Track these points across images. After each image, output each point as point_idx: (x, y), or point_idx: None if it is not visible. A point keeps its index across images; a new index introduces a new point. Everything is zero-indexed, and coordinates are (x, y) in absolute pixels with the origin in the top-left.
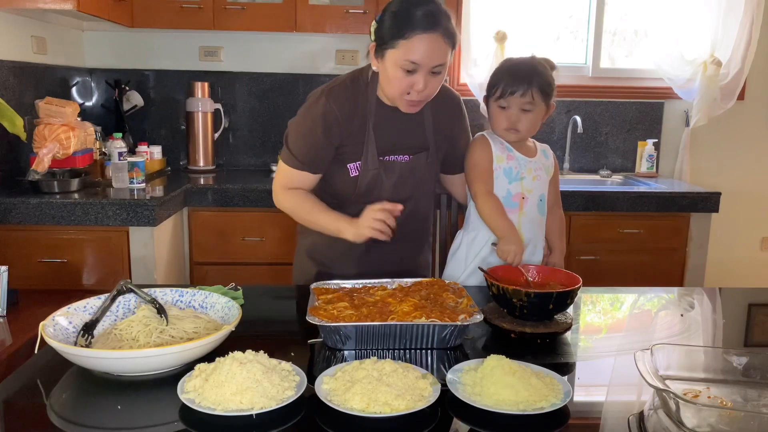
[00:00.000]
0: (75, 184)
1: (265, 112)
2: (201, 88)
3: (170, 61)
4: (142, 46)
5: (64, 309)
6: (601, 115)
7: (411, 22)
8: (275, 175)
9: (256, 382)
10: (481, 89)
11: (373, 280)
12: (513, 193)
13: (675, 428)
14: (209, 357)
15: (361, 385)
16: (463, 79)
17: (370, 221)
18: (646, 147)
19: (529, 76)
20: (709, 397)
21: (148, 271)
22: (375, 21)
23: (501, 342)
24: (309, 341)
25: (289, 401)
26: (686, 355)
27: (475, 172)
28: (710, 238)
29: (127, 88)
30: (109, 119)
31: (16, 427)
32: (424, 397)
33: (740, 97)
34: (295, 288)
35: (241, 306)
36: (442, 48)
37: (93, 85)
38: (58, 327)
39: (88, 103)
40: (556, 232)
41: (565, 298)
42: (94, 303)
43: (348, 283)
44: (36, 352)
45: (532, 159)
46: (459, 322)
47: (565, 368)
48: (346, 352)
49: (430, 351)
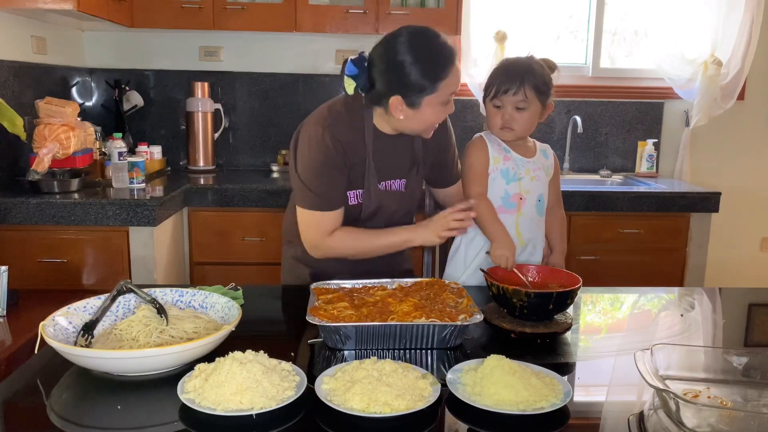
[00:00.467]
0: (75, 184)
1: (265, 112)
2: (201, 88)
3: (170, 61)
4: (142, 46)
5: (64, 309)
6: (601, 115)
7: (446, 61)
8: (308, 228)
9: (256, 382)
10: (480, 89)
11: (373, 280)
12: (511, 194)
13: (675, 428)
14: (209, 357)
15: (361, 385)
16: (463, 79)
17: (448, 223)
18: (646, 147)
19: (522, 74)
20: (709, 397)
21: (148, 271)
22: (350, 76)
23: (501, 342)
24: (309, 341)
25: (289, 401)
26: (686, 355)
27: (469, 175)
28: (710, 238)
29: (127, 88)
30: (109, 119)
31: (16, 427)
32: (424, 397)
33: (740, 97)
34: (295, 288)
35: (241, 306)
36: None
37: (93, 85)
38: (58, 327)
39: (88, 103)
40: (557, 232)
41: (565, 298)
42: (94, 303)
43: (348, 283)
44: (36, 352)
45: (530, 159)
46: (459, 322)
47: (565, 368)
48: (346, 352)
49: (430, 351)
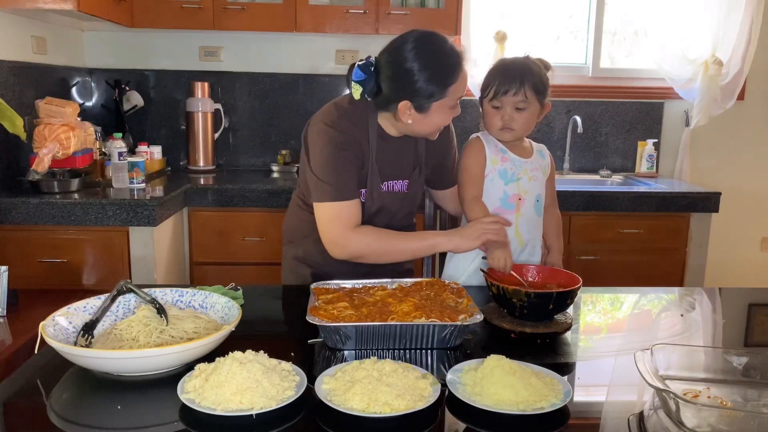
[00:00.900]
0: (75, 184)
1: (265, 112)
2: (201, 88)
3: (170, 61)
4: (142, 46)
5: (64, 309)
6: (601, 115)
7: (454, 66)
8: (328, 223)
9: (256, 382)
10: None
11: (373, 280)
12: (510, 195)
13: (675, 428)
14: (209, 357)
15: (361, 385)
16: None
17: (486, 229)
18: (646, 147)
19: (521, 74)
20: (709, 397)
21: (148, 271)
22: (357, 82)
23: (501, 342)
24: (309, 341)
25: (289, 401)
26: (686, 355)
27: (464, 177)
28: (710, 238)
29: (127, 88)
30: (109, 119)
31: (16, 427)
32: (424, 397)
33: (740, 97)
34: (295, 288)
35: (241, 306)
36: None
37: (93, 85)
38: (58, 327)
39: (88, 103)
40: (554, 232)
41: (565, 298)
42: (94, 303)
43: (348, 283)
44: (36, 352)
45: (527, 159)
46: (459, 322)
47: (565, 368)
48: (346, 352)
49: (430, 351)
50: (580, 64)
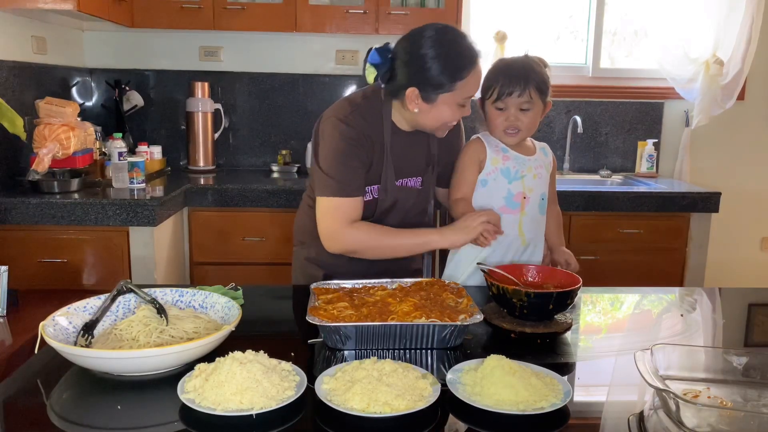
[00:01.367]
0: (75, 184)
1: (265, 112)
2: (201, 88)
3: (170, 61)
4: (142, 46)
5: (64, 309)
6: (601, 115)
7: (467, 63)
8: (326, 216)
9: (256, 382)
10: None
11: (373, 280)
12: (514, 193)
13: (675, 428)
14: (209, 357)
15: (361, 385)
16: None
17: (480, 225)
18: (646, 147)
19: (526, 74)
20: (709, 397)
21: (148, 271)
22: (373, 65)
23: (501, 342)
24: (309, 341)
25: (289, 401)
26: (686, 355)
27: (457, 178)
28: (710, 238)
29: (127, 88)
30: (109, 119)
31: (16, 427)
32: (424, 397)
33: (740, 97)
34: (295, 288)
35: (241, 306)
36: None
37: (93, 85)
38: (58, 327)
39: (88, 103)
40: (554, 228)
41: (565, 298)
42: (94, 303)
43: (348, 283)
44: (36, 352)
45: (531, 157)
46: (459, 322)
47: (565, 368)
48: (346, 352)
49: (430, 351)
50: (580, 64)
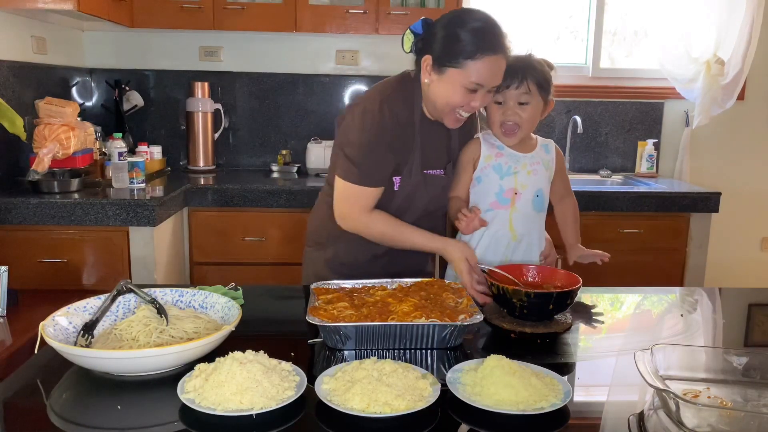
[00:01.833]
0: (75, 184)
1: (265, 112)
2: (201, 88)
3: (170, 61)
4: (142, 46)
5: (64, 309)
6: (601, 115)
7: (485, 46)
8: (344, 200)
9: (256, 382)
10: None
11: (373, 280)
12: (505, 189)
13: (675, 428)
14: (209, 357)
15: (361, 385)
16: None
17: (467, 281)
18: (646, 147)
19: (523, 68)
20: (709, 397)
21: (148, 271)
22: (413, 32)
23: (501, 342)
24: (309, 341)
25: (289, 401)
26: (686, 355)
27: (454, 175)
28: (710, 238)
29: (127, 88)
30: (109, 119)
31: (16, 427)
32: (424, 397)
33: (740, 97)
34: (295, 288)
35: (241, 306)
36: (503, 68)
37: (93, 85)
38: (58, 327)
39: (88, 103)
40: (570, 222)
41: (565, 298)
42: (94, 303)
43: (348, 283)
44: (36, 352)
45: (527, 154)
46: (459, 322)
47: (565, 368)
48: (346, 352)
49: (430, 351)
50: (580, 64)
